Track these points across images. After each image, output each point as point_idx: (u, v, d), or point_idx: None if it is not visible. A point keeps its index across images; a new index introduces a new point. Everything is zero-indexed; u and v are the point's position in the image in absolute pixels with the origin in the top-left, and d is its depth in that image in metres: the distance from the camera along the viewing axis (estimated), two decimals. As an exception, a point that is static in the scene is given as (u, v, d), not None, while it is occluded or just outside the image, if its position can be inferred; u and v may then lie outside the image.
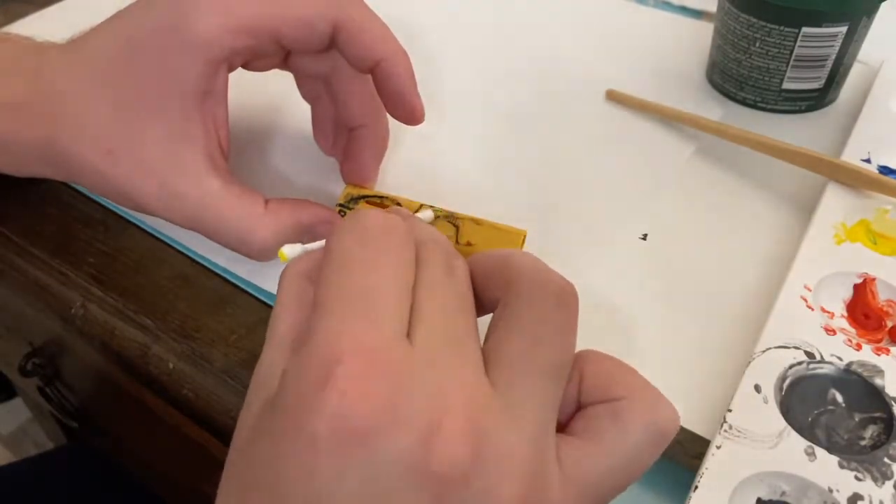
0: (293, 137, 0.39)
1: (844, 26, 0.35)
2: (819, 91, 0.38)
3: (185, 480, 0.49)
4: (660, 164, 0.37)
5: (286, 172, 0.37)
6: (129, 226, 0.35)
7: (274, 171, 0.37)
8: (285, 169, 0.37)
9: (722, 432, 0.24)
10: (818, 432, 0.24)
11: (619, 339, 0.29)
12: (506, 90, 0.42)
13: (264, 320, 0.31)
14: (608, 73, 0.42)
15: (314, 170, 0.37)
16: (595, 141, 0.38)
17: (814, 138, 0.37)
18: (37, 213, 0.36)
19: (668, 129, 0.39)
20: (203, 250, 0.33)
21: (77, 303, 0.32)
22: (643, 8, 0.49)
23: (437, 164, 0.37)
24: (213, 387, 0.29)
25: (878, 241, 0.30)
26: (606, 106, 0.41)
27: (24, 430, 1.13)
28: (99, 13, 0.31)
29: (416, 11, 0.47)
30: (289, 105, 0.40)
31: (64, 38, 0.32)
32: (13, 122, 0.30)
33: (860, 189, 0.32)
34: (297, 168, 0.37)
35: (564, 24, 0.47)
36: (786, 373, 0.26)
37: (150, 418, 0.40)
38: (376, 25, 0.30)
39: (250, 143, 0.38)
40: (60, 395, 0.57)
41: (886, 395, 0.25)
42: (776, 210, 0.34)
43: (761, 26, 0.36)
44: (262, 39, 0.29)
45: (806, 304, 0.28)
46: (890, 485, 0.22)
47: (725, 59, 0.39)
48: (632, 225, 0.33)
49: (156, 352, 0.30)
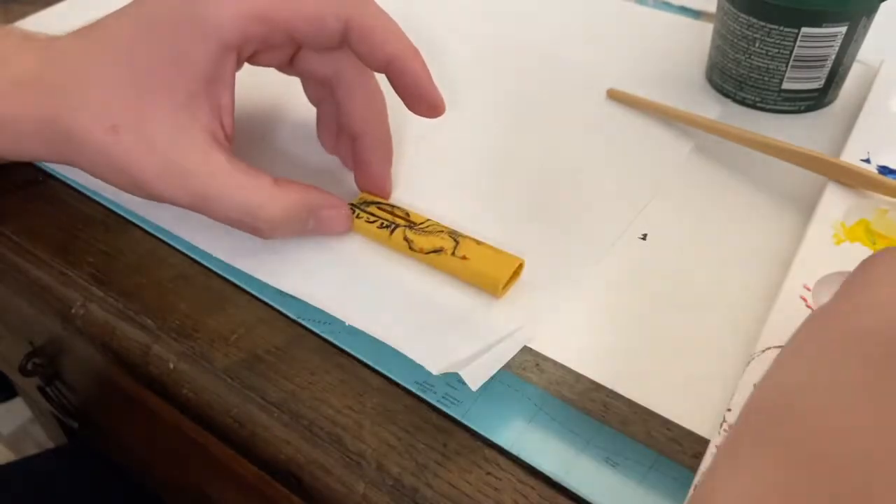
0: (297, 138, 0.39)
1: (844, 26, 0.35)
2: (819, 91, 0.38)
3: (185, 480, 0.49)
4: (660, 163, 0.37)
5: (291, 173, 0.37)
6: (129, 226, 0.35)
7: (279, 170, 0.37)
8: (290, 170, 0.37)
9: (722, 432, 0.24)
10: (818, 432, 0.24)
11: (618, 339, 0.29)
12: (506, 89, 0.42)
13: (264, 320, 0.31)
14: (608, 72, 0.42)
15: (318, 169, 0.37)
16: (595, 140, 0.38)
17: (814, 138, 0.37)
18: (37, 213, 0.36)
19: (668, 128, 0.39)
20: (204, 247, 0.33)
21: (77, 303, 0.32)
22: (643, 8, 0.49)
23: (437, 164, 0.37)
24: (213, 387, 0.29)
25: (878, 241, 0.30)
26: (607, 105, 0.41)
27: (24, 430, 1.13)
28: (99, 14, 0.31)
29: (416, 11, 0.47)
30: (295, 104, 0.40)
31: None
32: (19, 98, 0.30)
33: (860, 189, 0.32)
34: (302, 168, 0.37)
35: (564, 24, 0.47)
36: (785, 373, 0.26)
37: (150, 418, 0.40)
38: (388, 23, 0.30)
39: (252, 144, 0.38)
40: (61, 394, 0.57)
41: (886, 395, 0.25)
42: (776, 210, 0.34)
43: (761, 26, 0.36)
44: (275, 30, 0.29)
45: (806, 303, 0.28)
46: (889, 484, 0.22)
47: (725, 59, 0.39)
48: (632, 224, 0.34)
49: (156, 352, 0.30)
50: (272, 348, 0.30)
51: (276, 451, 0.27)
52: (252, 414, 0.28)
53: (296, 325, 0.30)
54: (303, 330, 0.30)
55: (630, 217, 0.34)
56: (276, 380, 0.29)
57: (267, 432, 0.28)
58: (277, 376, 0.29)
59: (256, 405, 0.28)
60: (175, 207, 0.30)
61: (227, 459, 0.34)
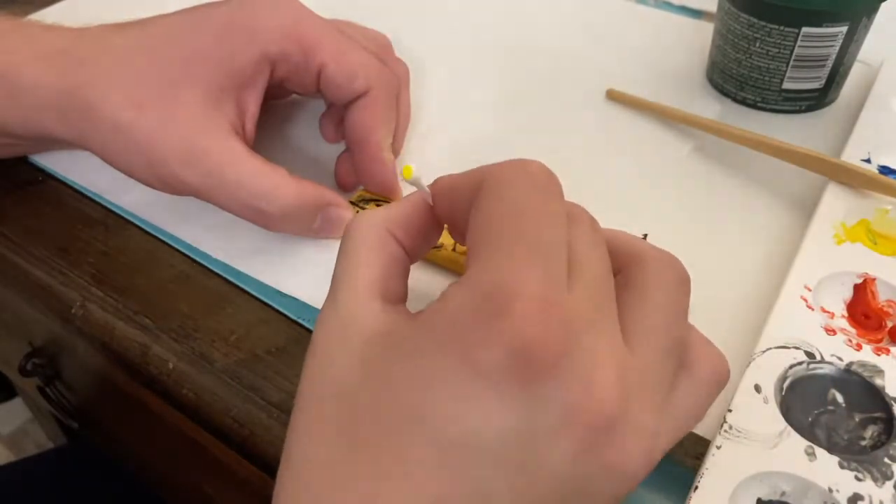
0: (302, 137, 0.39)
1: (844, 26, 0.35)
2: (819, 91, 0.38)
3: (185, 480, 0.49)
4: (660, 163, 0.37)
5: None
6: (129, 226, 0.35)
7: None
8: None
9: (722, 432, 0.24)
10: (818, 432, 0.24)
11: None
12: (506, 88, 0.42)
13: (264, 320, 0.31)
14: (608, 72, 0.42)
15: (318, 167, 0.37)
16: (595, 140, 0.38)
17: (814, 138, 0.37)
18: (37, 213, 0.36)
19: (668, 128, 0.39)
20: (204, 248, 0.33)
21: (77, 303, 0.32)
22: (643, 7, 0.49)
23: (436, 163, 0.37)
24: (213, 387, 0.29)
25: (879, 241, 0.30)
26: (607, 105, 0.41)
27: (24, 430, 1.13)
28: (99, 14, 0.31)
29: (415, 11, 0.47)
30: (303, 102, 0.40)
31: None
32: (42, 67, 0.31)
33: (860, 189, 0.32)
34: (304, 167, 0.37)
35: (564, 24, 0.47)
36: (786, 373, 0.26)
37: (150, 418, 0.40)
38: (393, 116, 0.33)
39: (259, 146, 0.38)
40: (60, 395, 0.56)
41: (886, 396, 0.25)
42: (776, 210, 0.34)
43: (761, 26, 0.36)
44: (310, 65, 0.31)
45: (806, 304, 0.28)
46: (890, 485, 0.22)
47: (725, 59, 0.39)
48: (632, 224, 0.33)
49: (156, 352, 0.30)
50: (272, 348, 0.30)
51: (276, 451, 0.27)
52: (252, 414, 0.28)
53: (296, 325, 0.30)
54: (303, 330, 0.30)
55: (630, 217, 0.34)
56: (276, 380, 0.29)
57: (267, 432, 0.28)
58: (277, 376, 0.29)
59: (256, 405, 0.28)
60: (176, 206, 0.30)
61: (227, 459, 0.34)
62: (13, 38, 0.32)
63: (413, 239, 0.22)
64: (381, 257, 0.21)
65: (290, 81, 0.33)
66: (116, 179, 0.32)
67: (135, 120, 0.29)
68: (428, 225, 0.23)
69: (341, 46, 0.32)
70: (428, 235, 0.23)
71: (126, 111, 0.29)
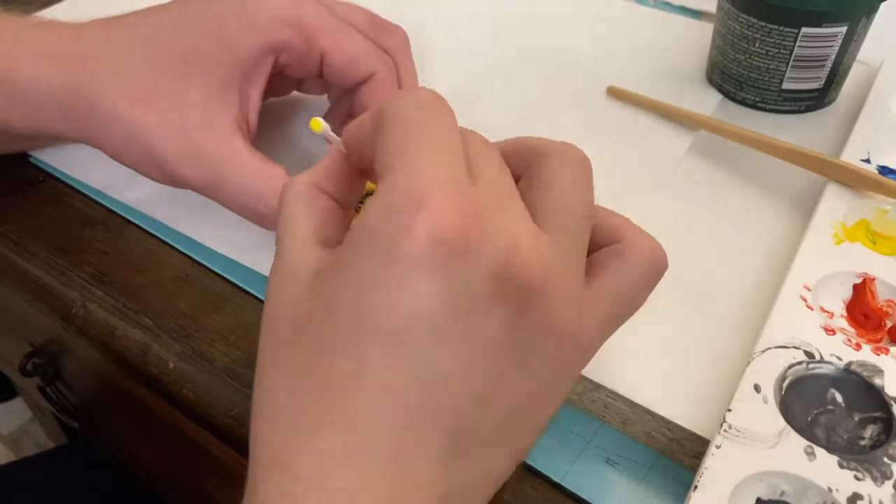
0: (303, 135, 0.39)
1: (844, 26, 0.35)
2: (819, 91, 0.38)
3: (185, 480, 0.49)
4: (660, 162, 0.37)
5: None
6: (129, 226, 0.35)
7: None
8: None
9: (722, 432, 0.24)
10: (818, 432, 0.24)
11: (618, 339, 0.29)
12: (507, 87, 0.42)
13: (264, 320, 0.31)
14: (608, 72, 0.42)
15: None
16: (595, 138, 0.38)
17: (814, 138, 0.37)
18: (37, 213, 0.36)
19: (667, 126, 0.39)
20: (207, 243, 0.33)
21: (77, 303, 0.32)
22: (644, 8, 0.49)
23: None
24: (213, 386, 0.29)
25: (878, 241, 0.30)
26: (607, 103, 0.41)
27: (24, 430, 1.13)
28: (99, 14, 0.31)
29: (415, 8, 0.47)
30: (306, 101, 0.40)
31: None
32: (44, 65, 0.31)
33: (860, 189, 0.32)
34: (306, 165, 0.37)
35: (564, 23, 0.47)
36: (785, 373, 0.26)
37: (150, 418, 0.40)
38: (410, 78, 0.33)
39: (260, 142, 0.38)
40: (61, 394, 0.56)
41: (886, 395, 0.25)
42: (776, 210, 0.34)
43: (761, 26, 0.36)
44: (311, 52, 0.31)
45: (806, 303, 0.28)
46: (889, 485, 0.22)
47: (725, 59, 0.39)
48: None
49: (156, 351, 0.30)
50: (272, 348, 0.30)
51: (275, 451, 0.27)
52: (252, 414, 0.28)
53: (296, 325, 0.30)
54: (303, 330, 0.30)
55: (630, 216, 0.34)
56: (276, 380, 0.28)
57: (267, 432, 0.28)
58: (277, 376, 0.29)
59: (256, 405, 0.28)
60: (178, 202, 0.30)
61: (227, 459, 0.34)
62: (13, 38, 0.32)
63: (340, 188, 0.24)
64: (315, 210, 0.22)
65: (293, 68, 0.32)
66: (118, 176, 0.33)
67: (139, 117, 0.29)
68: (349, 172, 0.24)
69: (340, 33, 0.32)
70: (353, 182, 0.24)
71: (130, 108, 0.29)
